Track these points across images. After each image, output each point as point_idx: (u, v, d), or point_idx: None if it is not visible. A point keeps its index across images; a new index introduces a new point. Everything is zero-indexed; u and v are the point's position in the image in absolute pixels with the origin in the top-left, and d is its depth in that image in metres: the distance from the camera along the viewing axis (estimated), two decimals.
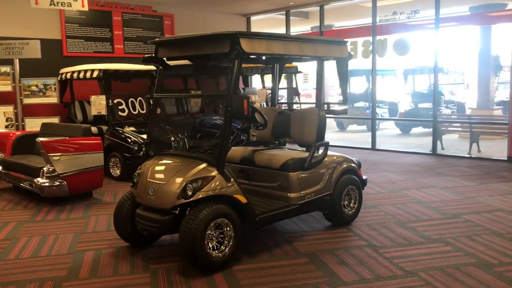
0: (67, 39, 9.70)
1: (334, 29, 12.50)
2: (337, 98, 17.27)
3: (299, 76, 11.51)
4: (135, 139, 7.76)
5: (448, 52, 14.17)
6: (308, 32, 14.51)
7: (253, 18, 13.23)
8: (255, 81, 13.38)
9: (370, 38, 10.58)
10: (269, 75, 12.74)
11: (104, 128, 8.48)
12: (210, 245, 3.93)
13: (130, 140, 7.72)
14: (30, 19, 9.13)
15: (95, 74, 7.99)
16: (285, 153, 4.95)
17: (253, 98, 11.25)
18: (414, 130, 14.85)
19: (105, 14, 10.24)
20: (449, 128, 11.20)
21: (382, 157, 9.79)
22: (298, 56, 4.64)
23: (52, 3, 7.40)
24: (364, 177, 5.50)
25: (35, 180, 6.17)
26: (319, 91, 5.14)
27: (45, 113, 8.86)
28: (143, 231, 4.30)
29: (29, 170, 6.50)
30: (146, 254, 4.41)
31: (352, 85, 16.77)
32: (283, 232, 4.99)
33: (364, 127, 15.27)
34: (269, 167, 4.78)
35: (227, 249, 4.00)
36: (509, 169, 8.18)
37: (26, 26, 9.11)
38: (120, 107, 8.35)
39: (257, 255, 4.33)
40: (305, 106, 9.18)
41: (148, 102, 4.78)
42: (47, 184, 6.10)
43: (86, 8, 7.99)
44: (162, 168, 4.31)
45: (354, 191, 5.23)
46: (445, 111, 14.14)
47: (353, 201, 5.24)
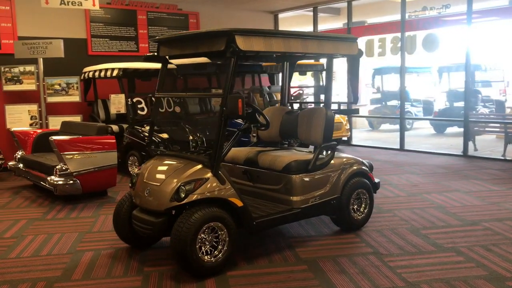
0: (92, 38, 9.81)
1: (361, 25, 12.13)
2: (371, 96, 16.85)
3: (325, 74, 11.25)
4: (153, 137, 7.75)
5: (485, 48, 13.49)
6: (339, 29, 14.16)
7: (281, 16, 13.03)
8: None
9: (399, 35, 10.20)
10: (295, 73, 12.57)
11: (126, 126, 8.52)
12: (203, 249, 3.81)
13: (147, 139, 7.71)
14: (56, 19, 9.27)
15: (114, 73, 8.02)
16: (290, 154, 4.77)
17: (277, 96, 11.10)
18: (450, 130, 14.27)
19: (130, 13, 10.30)
20: (486, 129, 10.64)
21: (409, 158, 9.41)
22: (301, 53, 4.44)
23: (63, 2, 7.48)
24: (376, 180, 5.24)
25: (48, 178, 6.24)
26: (328, 90, 4.91)
27: (68, 111, 8.99)
28: (139, 233, 4.23)
29: (44, 168, 6.58)
30: (144, 256, 4.34)
31: (385, 83, 16.31)
32: (288, 236, 4.81)
33: (397, 126, 14.79)
34: (272, 169, 4.61)
35: (220, 254, 3.87)
36: None
37: (53, 26, 9.26)
38: (139, 105, 8.36)
39: (255, 261, 4.18)
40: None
41: (151, 101, 4.72)
42: (59, 182, 6.15)
43: (97, 7, 8.03)
44: (158, 169, 4.23)
45: (364, 195, 4.99)
46: (483, 110, 13.52)
47: (363, 206, 5.00)
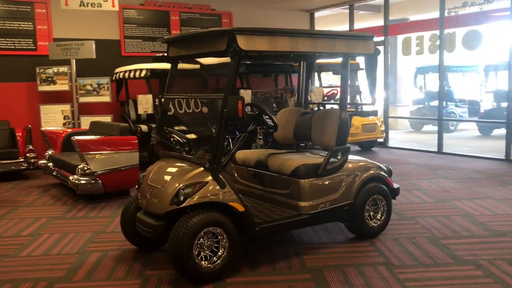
0: (125, 39, 9.96)
1: (399, 23, 11.69)
2: (412, 97, 16.26)
3: (360, 74, 10.92)
4: (179, 138, 7.74)
5: None
6: (375, 27, 13.73)
7: (317, 14, 12.78)
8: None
9: (437, 32, 9.74)
10: (328, 72, 12.30)
11: (154, 126, 8.58)
12: (202, 254, 3.72)
13: (173, 140, 7.71)
14: (90, 21, 9.47)
15: (143, 74, 8.10)
16: (300, 158, 4.60)
17: (311, 96, 10.88)
18: (496, 132, 13.54)
19: (163, 14, 10.38)
20: None
21: (446, 161, 8.96)
22: (310, 53, 4.26)
23: (82, 4, 7.59)
24: (396, 185, 4.97)
25: (71, 178, 6.35)
26: (343, 91, 4.69)
27: (100, 111, 9.17)
28: (142, 235, 4.19)
29: (68, 167, 6.71)
30: (149, 259, 4.30)
31: (428, 83, 15.70)
32: (299, 242, 4.64)
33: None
34: (281, 172, 4.46)
35: (220, 260, 3.77)
36: None
37: (87, 27, 9.46)
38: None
39: (258, 267, 4.04)
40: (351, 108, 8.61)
41: (160, 102, 4.70)
42: (81, 182, 6.25)
43: (116, 8, 8.10)
44: (161, 171, 4.17)
45: (381, 201, 4.74)
46: None
47: (380, 213, 4.75)
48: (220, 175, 3.84)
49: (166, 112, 4.73)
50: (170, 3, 10.44)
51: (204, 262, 3.70)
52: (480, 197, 6.20)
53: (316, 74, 11.02)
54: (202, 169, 3.89)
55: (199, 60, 7.97)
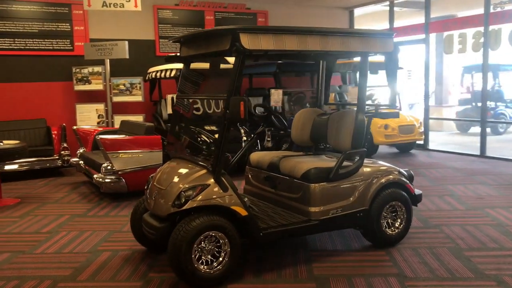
0: (160, 40, 10.05)
1: (441, 20, 11.18)
2: (459, 97, 15.53)
3: (401, 73, 10.53)
4: (205, 138, 7.73)
5: None
6: (416, 24, 13.20)
7: (357, 12, 12.44)
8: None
9: (481, 29, 9.22)
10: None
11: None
12: (203, 258, 3.64)
13: (199, 139, 7.71)
14: (126, 21, 9.61)
15: (172, 74, 8.11)
16: (313, 160, 4.42)
17: (347, 96, 10.60)
18: None
19: (198, 14, 10.40)
20: None
21: (488, 166, 8.46)
22: (321, 52, 4.07)
23: (105, 4, 7.67)
24: (417, 191, 4.69)
25: (95, 176, 6.45)
26: (361, 91, 4.46)
27: (133, 111, 9.30)
28: (147, 237, 4.15)
29: (95, 166, 6.81)
30: (155, 261, 4.26)
31: (476, 82, 14.93)
32: (311, 248, 4.47)
33: (488, 129, 13.49)
34: (292, 175, 4.30)
35: (220, 265, 3.66)
36: None
37: (123, 28, 9.61)
38: (195, 105, 8.40)
39: (263, 274, 3.91)
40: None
41: (172, 102, 4.65)
42: (105, 180, 6.32)
43: (139, 8, 8.14)
44: (167, 173, 4.12)
45: (400, 208, 4.49)
46: None
47: (398, 220, 4.49)
48: (222, 178, 3.74)
49: (179, 112, 4.65)
50: (205, 2, 10.44)
51: (203, 267, 3.61)
52: None
53: (350, 74, 10.71)
54: (205, 171, 3.80)
55: (228, 59, 7.91)
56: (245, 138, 7.83)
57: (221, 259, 3.67)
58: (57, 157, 8.33)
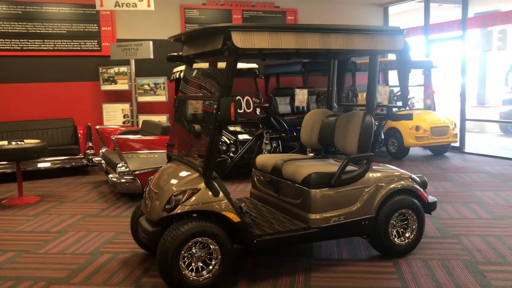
0: None
1: (479, 16, 10.59)
2: (503, 97, 14.73)
3: (435, 72, 10.06)
4: (226, 139, 7.62)
5: None
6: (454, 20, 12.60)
7: (392, 10, 11.99)
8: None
9: None
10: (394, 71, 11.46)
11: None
12: (193, 265, 3.51)
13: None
14: (153, 22, 9.64)
15: (194, 74, 8.04)
16: (317, 165, 4.21)
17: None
18: None
19: (225, 13, 10.31)
20: None
21: None
22: (321, 51, 3.85)
23: (117, 4, 7.66)
24: (431, 199, 4.38)
25: (110, 176, 6.46)
26: (371, 91, 4.19)
27: (157, 110, 9.33)
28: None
29: (112, 166, 6.84)
30: (152, 265, 4.16)
31: None
32: (315, 256, 4.26)
33: None
34: (293, 180, 4.11)
35: (210, 273, 3.53)
36: None
37: (150, 28, 9.65)
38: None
39: (258, 283, 3.73)
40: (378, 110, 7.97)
41: (174, 103, 4.56)
42: (120, 180, 6.32)
43: (152, 7, 8.09)
44: (163, 175, 4.02)
45: (411, 217, 4.20)
46: None
47: (409, 229, 4.21)
48: (214, 182, 3.60)
49: (182, 112, 4.55)
50: (233, 1, 10.34)
51: (191, 274, 3.49)
52: None
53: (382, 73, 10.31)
54: (197, 175, 3.67)
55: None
56: (228, 143, 7.56)
57: (211, 267, 3.54)
58: (82, 156, 8.45)
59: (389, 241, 4.11)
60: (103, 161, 7.72)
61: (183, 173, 3.81)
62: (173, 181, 3.76)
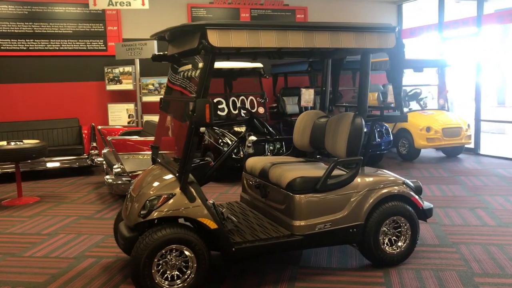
0: None
1: (492, 13, 10.19)
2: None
3: (448, 71, 9.72)
4: (228, 140, 7.48)
5: None
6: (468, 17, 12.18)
7: (405, 7, 11.66)
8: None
9: None
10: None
11: None
12: (169, 273, 3.38)
13: (220, 141, 7.47)
14: (159, 21, 9.52)
15: (197, 73, 7.93)
16: (304, 168, 4.02)
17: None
18: None
19: (233, 12, 10.17)
20: None
21: None
22: (305, 49, 3.66)
23: (111, 3, 7.56)
24: (427, 205, 4.15)
25: (106, 177, 6.38)
26: (362, 92, 3.99)
27: None
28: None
29: (111, 167, 6.76)
30: None
31: None
32: (302, 265, 4.07)
33: None
34: (278, 184, 3.93)
35: (185, 282, 3.38)
36: None
37: (157, 27, 9.53)
38: (220, 106, 8.18)
39: None
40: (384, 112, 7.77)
41: (159, 104, 4.42)
42: (115, 182, 6.24)
43: (146, 6, 7.98)
44: (143, 179, 3.90)
45: (404, 224, 3.98)
46: None
47: (402, 237, 3.99)
48: (190, 187, 3.45)
49: (166, 115, 4.42)
50: (241, 0, 10.18)
51: (164, 283, 3.35)
52: None
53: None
54: (174, 179, 3.53)
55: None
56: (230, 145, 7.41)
57: (186, 276, 3.40)
58: (86, 156, 8.42)
59: (379, 249, 3.90)
60: (104, 161, 7.66)
61: (162, 177, 3.68)
62: (151, 185, 3.63)
